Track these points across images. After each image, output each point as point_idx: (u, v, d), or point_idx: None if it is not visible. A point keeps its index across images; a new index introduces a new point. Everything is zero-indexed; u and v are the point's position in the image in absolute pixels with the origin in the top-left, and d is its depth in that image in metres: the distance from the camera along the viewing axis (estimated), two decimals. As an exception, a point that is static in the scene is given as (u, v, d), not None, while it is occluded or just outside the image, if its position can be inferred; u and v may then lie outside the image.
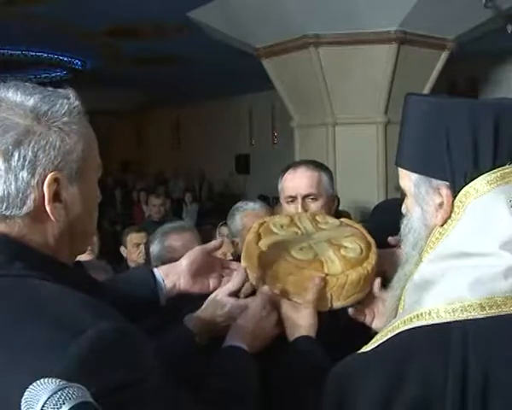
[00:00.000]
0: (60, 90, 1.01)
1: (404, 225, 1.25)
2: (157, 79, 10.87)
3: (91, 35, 7.59)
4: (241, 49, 6.55)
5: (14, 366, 0.80)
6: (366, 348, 1.15)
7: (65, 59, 9.49)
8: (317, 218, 1.64)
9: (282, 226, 1.56)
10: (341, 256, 1.45)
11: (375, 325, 1.46)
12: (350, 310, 1.47)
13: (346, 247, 1.49)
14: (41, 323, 0.84)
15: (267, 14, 5.56)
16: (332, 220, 1.65)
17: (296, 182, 1.88)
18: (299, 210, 1.82)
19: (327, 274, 1.40)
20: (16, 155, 0.92)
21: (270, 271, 1.43)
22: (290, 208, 1.87)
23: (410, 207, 1.24)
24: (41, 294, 0.89)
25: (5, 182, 0.92)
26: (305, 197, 1.85)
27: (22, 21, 6.80)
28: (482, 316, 1.04)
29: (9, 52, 8.75)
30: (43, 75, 10.63)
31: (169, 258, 2.34)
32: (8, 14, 6.44)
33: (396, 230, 1.31)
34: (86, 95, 1.04)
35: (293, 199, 1.86)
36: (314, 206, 1.85)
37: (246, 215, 2.58)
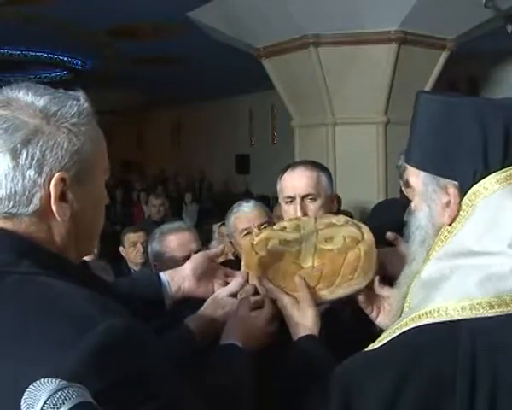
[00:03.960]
0: (70, 92, 1.02)
1: (413, 222, 1.26)
2: (157, 79, 10.87)
3: (91, 35, 7.59)
4: (241, 49, 6.55)
5: (26, 362, 0.81)
6: (373, 346, 1.15)
7: (65, 59, 9.50)
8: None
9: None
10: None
11: (379, 322, 1.47)
12: (359, 297, 1.47)
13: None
14: (51, 319, 0.85)
15: (267, 14, 5.56)
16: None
17: (295, 182, 1.87)
18: (298, 210, 1.82)
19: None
20: (24, 153, 0.93)
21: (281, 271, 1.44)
22: (289, 209, 1.86)
23: (418, 205, 1.24)
24: (50, 291, 0.90)
25: (12, 180, 0.93)
26: (303, 197, 1.85)
27: (22, 21, 6.80)
28: (491, 314, 1.04)
29: (9, 52, 8.75)
30: (43, 75, 10.64)
31: (167, 258, 2.35)
32: (9, 14, 6.45)
33: (395, 229, 1.31)
34: (86, 95, 1.04)
35: (291, 199, 1.86)
36: (313, 206, 1.85)
37: (237, 217, 2.58)
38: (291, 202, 1.86)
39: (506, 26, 5.61)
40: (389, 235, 1.61)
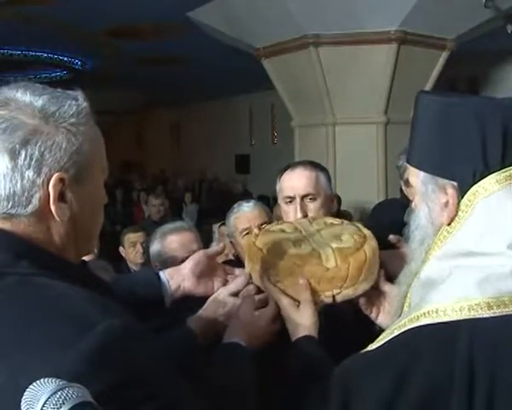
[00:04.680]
0: (69, 92, 1.02)
1: (412, 222, 1.26)
2: (157, 79, 10.88)
3: (91, 35, 7.59)
4: (241, 49, 6.55)
5: (26, 362, 0.81)
6: (372, 346, 1.15)
7: (65, 59, 9.49)
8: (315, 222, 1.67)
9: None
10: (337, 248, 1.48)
11: (379, 321, 1.47)
12: (361, 300, 1.47)
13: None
14: (51, 320, 0.85)
15: (267, 14, 5.56)
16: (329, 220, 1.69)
17: (294, 182, 1.87)
18: (298, 210, 1.82)
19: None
20: (23, 154, 0.93)
21: (273, 270, 1.44)
22: (289, 209, 1.86)
23: (417, 205, 1.24)
24: (49, 291, 0.90)
25: (11, 180, 0.93)
26: (303, 197, 1.85)
27: (22, 21, 6.80)
28: (489, 315, 1.04)
29: (9, 52, 8.75)
30: (43, 75, 10.62)
31: (168, 258, 2.35)
32: (9, 14, 6.45)
33: (395, 229, 1.31)
34: (86, 95, 1.04)
35: (291, 199, 1.86)
36: (312, 206, 1.85)
37: (237, 217, 2.58)
38: (291, 202, 1.86)
39: (506, 26, 5.61)
40: (392, 237, 1.62)
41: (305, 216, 1.81)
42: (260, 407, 1.24)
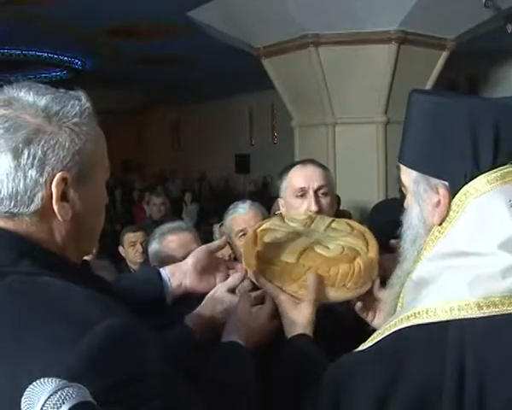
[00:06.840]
0: (71, 92, 1.03)
1: (405, 221, 1.25)
2: (157, 79, 10.89)
3: (91, 35, 7.60)
4: (241, 49, 6.55)
5: (26, 361, 0.81)
6: (363, 347, 1.15)
7: (65, 59, 9.51)
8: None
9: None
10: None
11: (375, 324, 1.46)
12: (357, 304, 1.47)
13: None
14: (51, 319, 0.85)
15: (267, 14, 5.56)
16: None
17: (307, 175, 1.83)
18: (313, 203, 1.78)
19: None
20: (26, 153, 0.93)
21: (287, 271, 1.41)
22: (299, 203, 1.81)
23: (409, 204, 1.24)
24: (50, 290, 0.90)
25: (14, 180, 0.93)
26: (316, 191, 1.80)
27: (22, 21, 6.80)
28: (479, 315, 1.04)
29: (9, 52, 8.76)
30: (43, 75, 10.64)
31: (167, 257, 2.34)
32: (9, 14, 6.45)
33: (395, 230, 1.31)
34: (86, 95, 1.04)
35: (303, 192, 1.80)
36: (325, 201, 1.81)
37: (232, 219, 2.58)
38: (303, 195, 1.81)
39: (506, 25, 5.61)
40: (393, 243, 1.60)
41: (320, 210, 1.77)
42: (259, 406, 1.24)
